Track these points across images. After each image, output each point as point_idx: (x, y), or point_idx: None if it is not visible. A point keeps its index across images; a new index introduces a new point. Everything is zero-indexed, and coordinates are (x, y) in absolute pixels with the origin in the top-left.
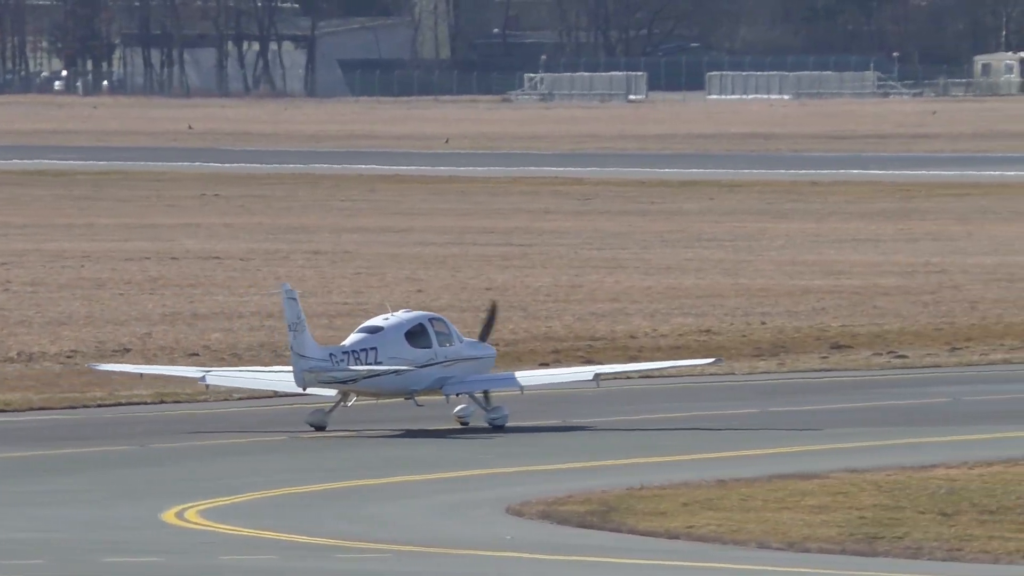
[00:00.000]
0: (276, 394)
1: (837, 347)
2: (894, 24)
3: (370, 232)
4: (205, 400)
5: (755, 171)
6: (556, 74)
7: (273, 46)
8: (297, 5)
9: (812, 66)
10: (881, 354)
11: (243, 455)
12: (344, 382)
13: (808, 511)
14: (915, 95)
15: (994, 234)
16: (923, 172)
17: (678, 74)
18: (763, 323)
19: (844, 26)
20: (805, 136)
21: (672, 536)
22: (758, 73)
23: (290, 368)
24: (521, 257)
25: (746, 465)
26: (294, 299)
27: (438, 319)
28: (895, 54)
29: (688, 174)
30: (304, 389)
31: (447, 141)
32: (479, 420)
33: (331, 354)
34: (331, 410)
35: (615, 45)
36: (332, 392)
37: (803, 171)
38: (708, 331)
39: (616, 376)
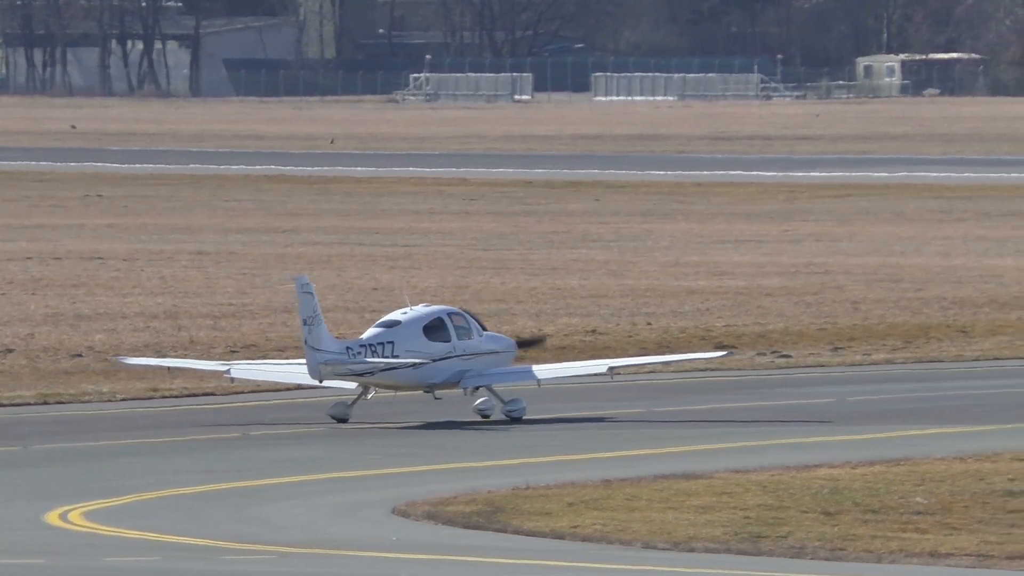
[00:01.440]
0: (299, 387)
1: (722, 347)
2: (777, 26)
3: (255, 232)
4: (92, 400)
5: (640, 172)
6: (442, 74)
7: (157, 45)
8: (181, 4)
9: (696, 68)
10: (765, 354)
11: (132, 456)
12: (361, 375)
13: (693, 511)
14: (798, 97)
15: (876, 235)
16: (806, 174)
17: (563, 75)
18: (648, 323)
19: (728, 28)
20: (689, 137)
21: (558, 536)
22: (643, 74)
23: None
24: (407, 258)
25: (631, 465)
26: (310, 292)
27: (458, 313)
28: (778, 56)
29: (573, 175)
30: (320, 382)
31: (332, 141)
32: (499, 413)
33: (348, 347)
34: (353, 403)
35: (500, 46)
36: (350, 385)
37: (687, 172)
38: (594, 331)
39: (629, 368)
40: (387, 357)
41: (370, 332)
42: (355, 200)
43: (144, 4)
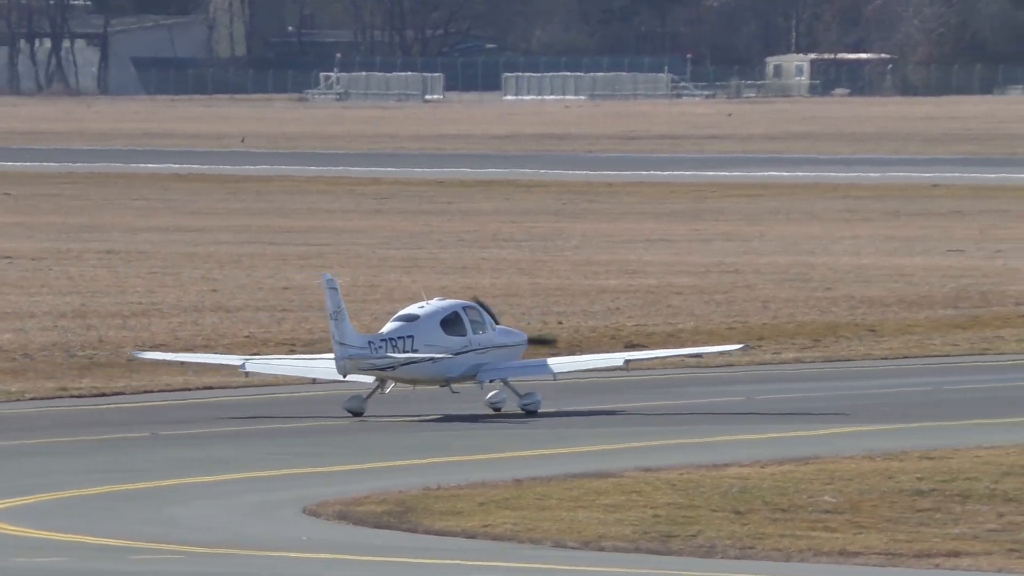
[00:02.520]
0: (314, 381)
1: (632, 346)
2: (687, 26)
3: (165, 231)
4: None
5: (551, 171)
6: (352, 73)
7: (66, 44)
8: (90, 3)
9: (607, 67)
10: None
11: (39, 456)
12: (383, 369)
13: (603, 510)
14: (708, 96)
15: (785, 234)
16: (716, 173)
17: (474, 75)
18: (560, 322)
19: (638, 28)
20: (600, 137)
21: (469, 535)
22: (553, 74)
23: (326, 356)
24: (318, 257)
25: (542, 464)
26: (335, 288)
27: (472, 307)
28: (688, 56)
29: (484, 174)
30: (344, 376)
31: (243, 140)
32: (512, 406)
33: (370, 342)
34: (368, 396)
35: (411, 45)
36: (370, 379)
37: (598, 172)
38: None
39: (646, 361)
40: (407, 351)
41: (389, 326)
42: (265, 199)
43: (52, 2)
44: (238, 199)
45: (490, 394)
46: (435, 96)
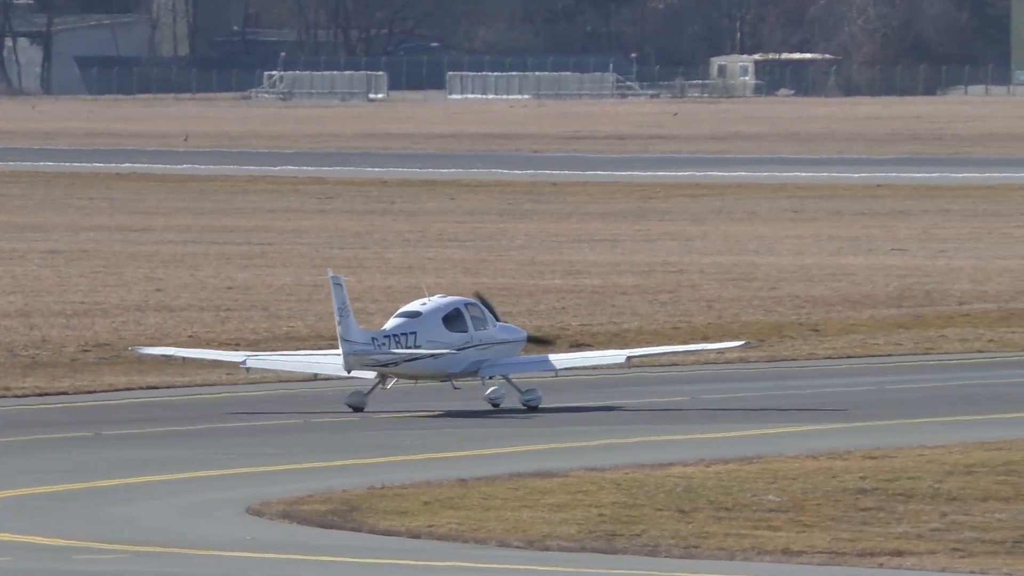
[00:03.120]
0: (316, 377)
1: (577, 346)
2: (632, 26)
3: (108, 231)
4: None
5: (495, 171)
6: (296, 72)
7: (8, 43)
8: (33, 1)
9: (552, 67)
10: None
11: None
12: (386, 365)
13: (548, 509)
14: (653, 96)
15: (729, 234)
16: (660, 173)
17: (419, 74)
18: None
19: (583, 27)
20: (545, 136)
21: (413, 535)
22: (498, 74)
23: (327, 352)
24: (262, 256)
25: (487, 464)
26: (340, 285)
27: (473, 304)
28: (633, 56)
29: (429, 174)
30: (349, 372)
31: (186, 139)
32: (511, 402)
33: (373, 338)
34: (369, 392)
35: (355, 44)
36: (370, 374)
37: (543, 171)
38: None
39: (647, 358)
40: (410, 347)
41: (392, 323)
42: (209, 198)
43: None
44: (181, 198)
45: (489, 390)
46: (379, 95)
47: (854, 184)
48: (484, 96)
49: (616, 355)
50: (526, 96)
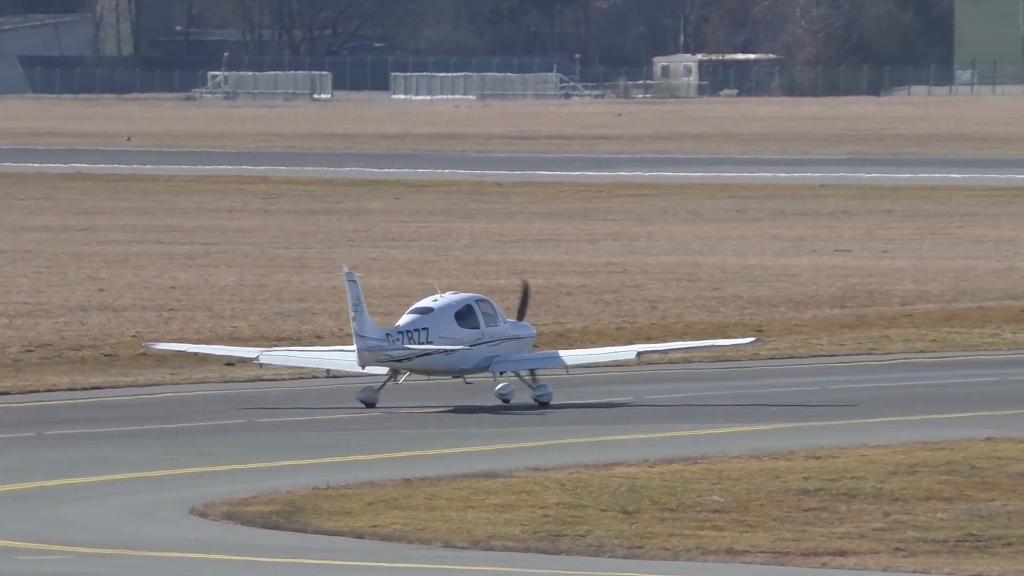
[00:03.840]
0: (328, 373)
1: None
2: (576, 27)
3: (51, 231)
4: None
5: (440, 171)
6: (240, 72)
7: None
8: None
9: (496, 67)
10: None
11: None
12: (399, 360)
13: (492, 510)
14: (597, 97)
15: (673, 234)
16: (604, 173)
17: (363, 74)
18: None
19: (527, 28)
20: (489, 137)
21: (357, 535)
22: (443, 74)
23: (340, 348)
24: (205, 256)
25: (432, 464)
26: (354, 281)
27: (484, 300)
28: (577, 56)
29: (374, 174)
30: (364, 368)
31: (129, 139)
32: (521, 397)
33: (387, 334)
34: (380, 387)
35: (299, 44)
36: (382, 370)
37: (488, 171)
38: None
39: (657, 353)
40: (422, 343)
41: (405, 319)
42: (153, 198)
43: None
44: (125, 198)
45: (499, 386)
46: (324, 95)
47: (797, 184)
48: (429, 96)
49: (627, 351)
50: (470, 96)
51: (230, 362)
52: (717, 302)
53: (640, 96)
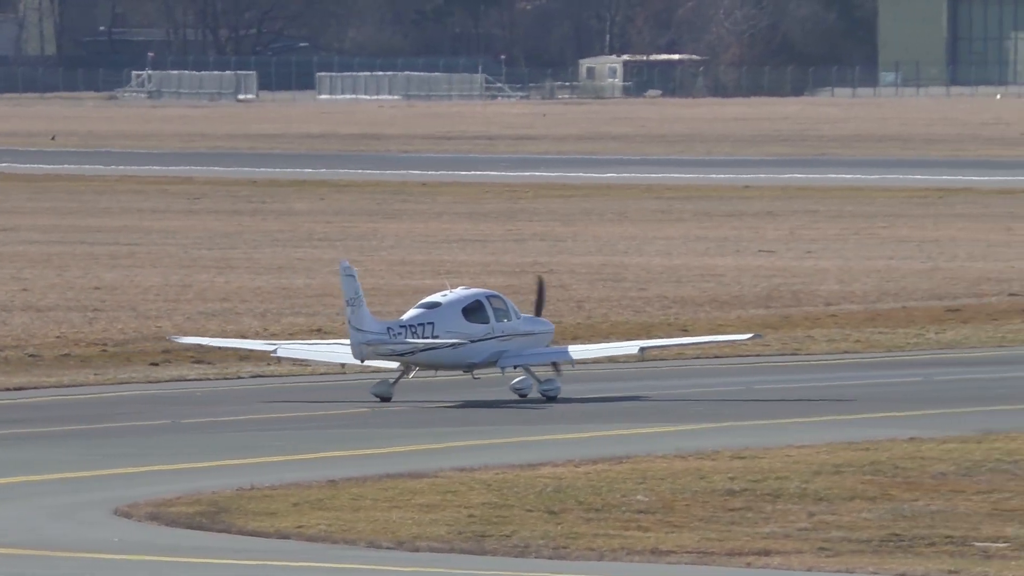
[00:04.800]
0: (343, 367)
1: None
2: (501, 28)
3: None
4: None
5: (366, 171)
6: (164, 72)
7: None
8: None
9: (421, 68)
10: None
11: None
12: (402, 354)
13: (418, 510)
14: (522, 98)
15: (598, 235)
16: (530, 173)
17: (288, 74)
18: None
19: (452, 29)
20: (415, 137)
21: (282, 536)
22: (368, 74)
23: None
24: (129, 256)
25: (357, 465)
26: (352, 275)
27: (496, 296)
28: (502, 57)
29: (299, 174)
30: (362, 361)
31: (53, 139)
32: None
33: (388, 328)
34: (395, 382)
35: (224, 44)
36: (391, 364)
37: (413, 172)
38: (320, 330)
39: (661, 349)
40: (426, 338)
41: (411, 313)
42: (76, 198)
43: None
44: (48, 198)
45: (515, 380)
46: (248, 95)
47: (722, 185)
48: (354, 96)
49: (630, 346)
50: (395, 97)
51: (245, 356)
52: (642, 302)
53: (565, 97)
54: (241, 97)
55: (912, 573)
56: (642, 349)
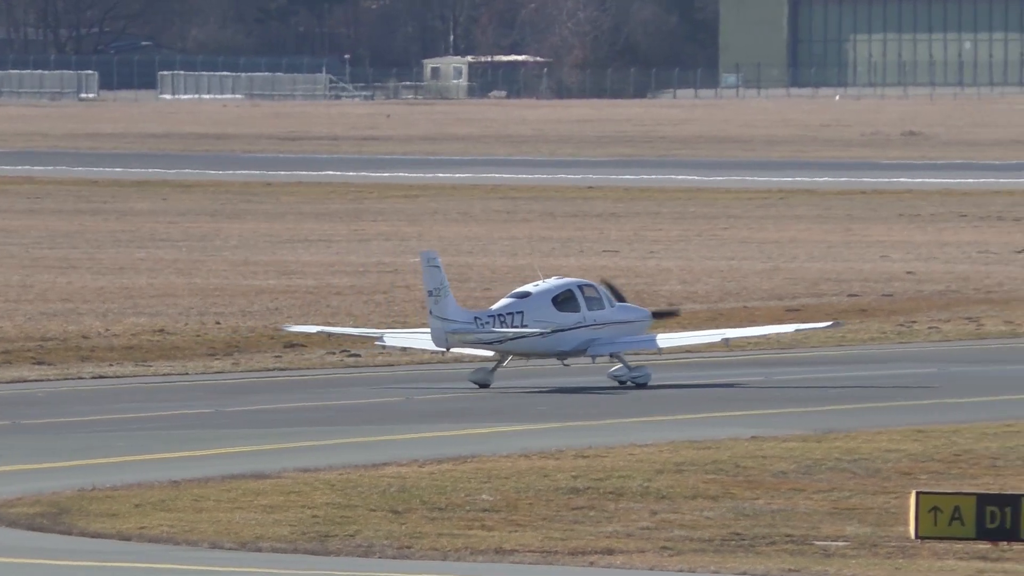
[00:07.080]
0: (444, 354)
1: (291, 346)
2: (345, 27)
3: None
4: None
5: (209, 171)
6: (5, 71)
7: None
8: None
9: (265, 67)
10: (335, 353)
11: None
12: (490, 343)
13: (261, 511)
14: (367, 98)
15: (444, 235)
16: (375, 174)
17: (130, 73)
18: (217, 323)
19: (296, 28)
20: (259, 137)
21: (124, 537)
22: (211, 73)
23: None
24: None
25: (200, 466)
26: (436, 266)
27: (589, 285)
28: (346, 56)
29: (141, 174)
30: (447, 350)
31: None
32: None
33: (476, 317)
34: (493, 369)
35: (65, 43)
36: (479, 352)
37: (257, 172)
38: (162, 331)
39: (744, 340)
40: (516, 327)
41: (501, 303)
42: None
43: None
44: None
45: (613, 368)
46: (90, 95)
47: (566, 186)
48: (197, 96)
49: (715, 335)
50: (239, 96)
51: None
52: (487, 302)
53: (410, 97)
54: (83, 96)
55: (753, 572)
56: (725, 339)
